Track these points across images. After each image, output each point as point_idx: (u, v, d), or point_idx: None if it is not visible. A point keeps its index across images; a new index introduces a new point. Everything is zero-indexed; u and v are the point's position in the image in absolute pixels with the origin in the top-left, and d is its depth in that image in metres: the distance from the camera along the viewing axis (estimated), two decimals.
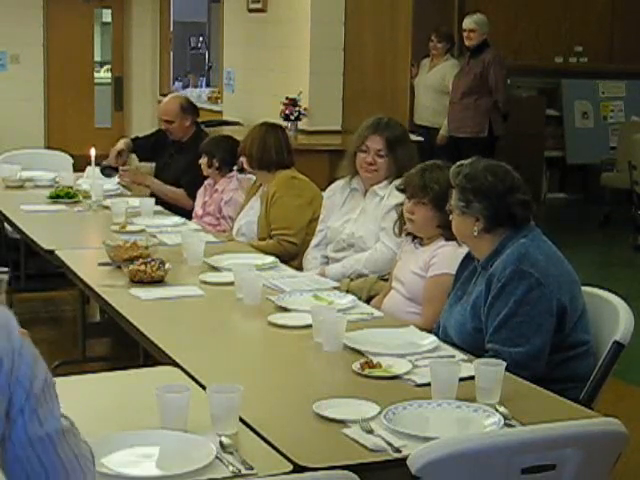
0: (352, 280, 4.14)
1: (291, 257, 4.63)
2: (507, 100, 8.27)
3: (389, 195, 4.22)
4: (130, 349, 4.20)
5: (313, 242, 4.54)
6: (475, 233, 3.14)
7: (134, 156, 6.51)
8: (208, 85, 13.64)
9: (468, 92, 8.16)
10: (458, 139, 8.20)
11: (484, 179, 3.12)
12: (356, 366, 2.81)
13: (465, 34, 8.25)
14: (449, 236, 3.47)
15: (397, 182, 4.18)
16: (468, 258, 3.30)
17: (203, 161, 5.39)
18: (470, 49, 8.29)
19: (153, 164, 6.33)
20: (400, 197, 3.96)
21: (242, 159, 5.01)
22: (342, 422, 2.41)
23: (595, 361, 3.05)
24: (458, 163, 3.23)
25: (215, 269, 3.98)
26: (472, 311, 3.09)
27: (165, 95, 12.79)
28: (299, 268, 4.38)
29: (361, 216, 4.31)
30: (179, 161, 5.92)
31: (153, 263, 3.78)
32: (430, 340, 3.07)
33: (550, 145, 10.40)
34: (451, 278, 3.36)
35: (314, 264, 4.42)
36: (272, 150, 4.87)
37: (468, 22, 8.24)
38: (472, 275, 3.23)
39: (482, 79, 8.13)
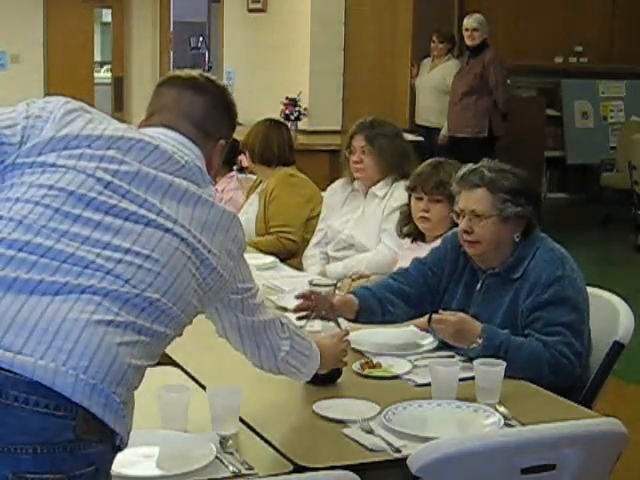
0: (354, 280, 4.14)
1: (290, 255, 4.63)
2: (507, 100, 8.28)
3: (390, 196, 4.22)
4: None
5: (313, 240, 4.54)
6: (517, 239, 2.99)
7: None
8: None
9: (468, 92, 8.17)
10: (458, 139, 8.21)
11: (526, 181, 3.03)
12: (356, 366, 2.81)
13: (468, 33, 8.26)
14: None
15: (399, 184, 4.19)
16: (459, 254, 3.14)
17: None
18: (470, 49, 8.30)
19: None
20: (401, 199, 3.96)
21: (241, 157, 5.01)
22: (342, 422, 2.41)
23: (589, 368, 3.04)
24: (474, 167, 3.06)
25: None
26: (506, 320, 2.96)
27: None
28: (299, 267, 4.39)
29: (361, 218, 4.30)
30: None
31: None
32: (430, 340, 3.06)
33: (550, 145, 10.40)
34: None
35: (314, 262, 4.43)
36: (274, 146, 4.88)
37: (471, 22, 8.27)
38: (472, 282, 3.08)
39: (482, 79, 8.14)
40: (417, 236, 3.76)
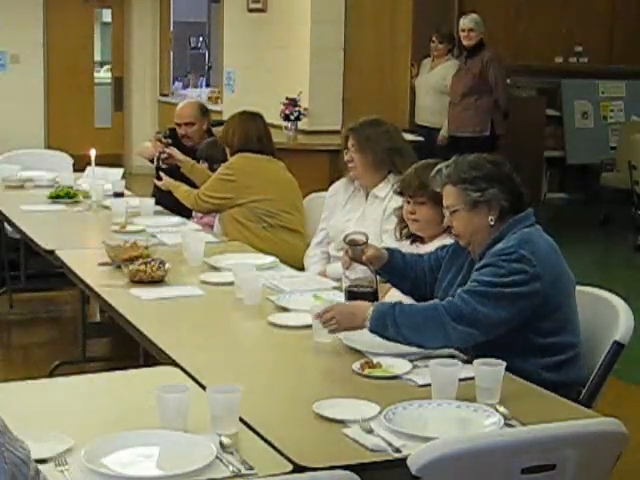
0: None
1: (191, 208, 5.00)
2: (507, 98, 8.27)
3: (392, 198, 4.22)
4: (130, 349, 4.20)
5: (315, 240, 4.54)
6: (492, 222, 3.03)
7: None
8: (208, 85, 13.64)
9: (468, 92, 8.16)
10: (459, 139, 8.20)
11: (487, 165, 3.06)
12: (356, 366, 2.81)
13: (465, 34, 8.25)
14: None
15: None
16: (457, 250, 3.23)
17: (204, 166, 5.38)
18: (468, 49, 8.29)
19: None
20: (400, 200, 3.97)
21: None
22: (342, 422, 2.41)
23: (585, 365, 3.02)
24: (438, 167, 3.15)
25: (215, 269, 3.98)
26: None
27: (165, 95, 12.83)
28: (299, 266, 4.38)
29: (361, 219, 4.30)
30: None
31: (153, 263, 3.78)
32: None
33: (550, 145, 10.40)
34: None
35: (315, 261, 4.44)
36: (254, 138, 4.85)
37: (466, 22, 8.25)
38: (470, 269, 3.17)
39: (481, 79, 8.13)
40: (415, 238, 3.78)
